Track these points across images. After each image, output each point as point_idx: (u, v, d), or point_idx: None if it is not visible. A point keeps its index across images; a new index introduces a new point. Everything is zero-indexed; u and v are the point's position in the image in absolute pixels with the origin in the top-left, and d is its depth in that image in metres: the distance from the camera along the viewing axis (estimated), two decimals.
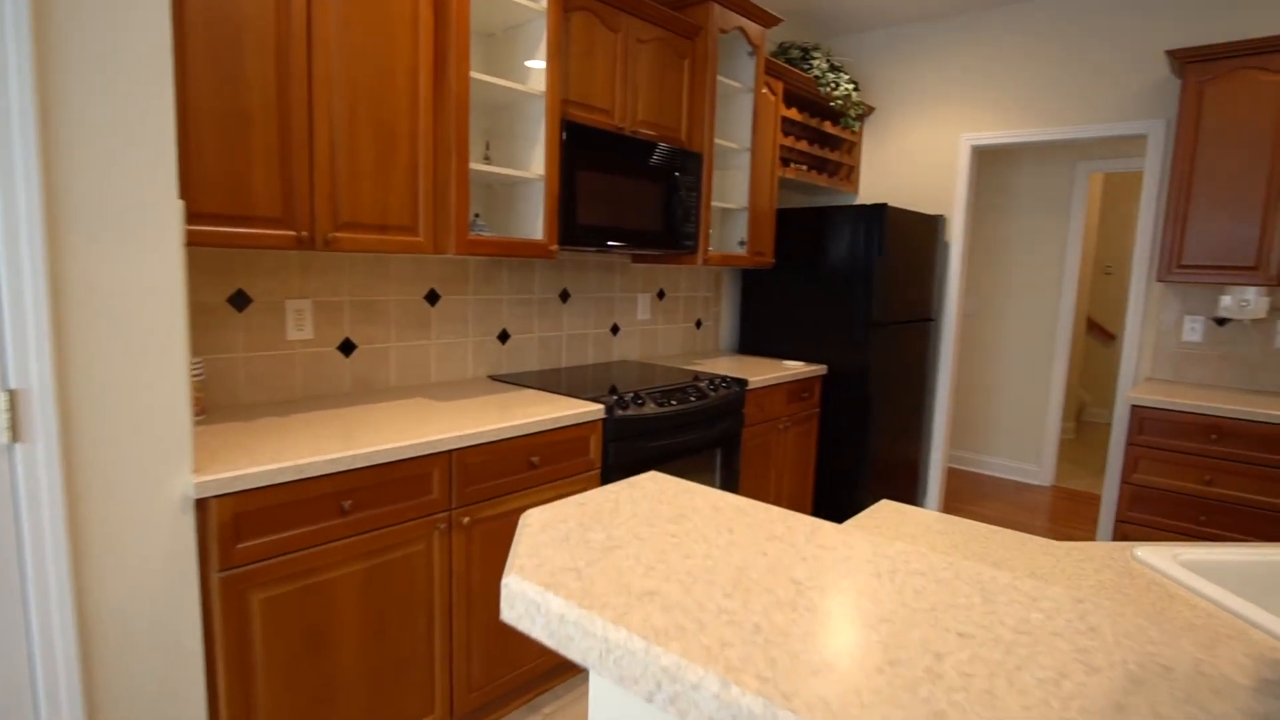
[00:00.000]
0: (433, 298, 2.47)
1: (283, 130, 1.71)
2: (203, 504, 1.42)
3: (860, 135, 4.12)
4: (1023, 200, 4.77)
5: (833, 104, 3.60)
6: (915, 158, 3.95)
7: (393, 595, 1.75)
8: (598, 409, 2.23)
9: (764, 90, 3.26)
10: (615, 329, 3.23)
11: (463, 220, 2.06)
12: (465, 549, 1.91)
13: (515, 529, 2.03)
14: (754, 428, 3.01)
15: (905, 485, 3.84)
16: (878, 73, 4.04)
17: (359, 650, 1.70)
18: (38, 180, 1.14)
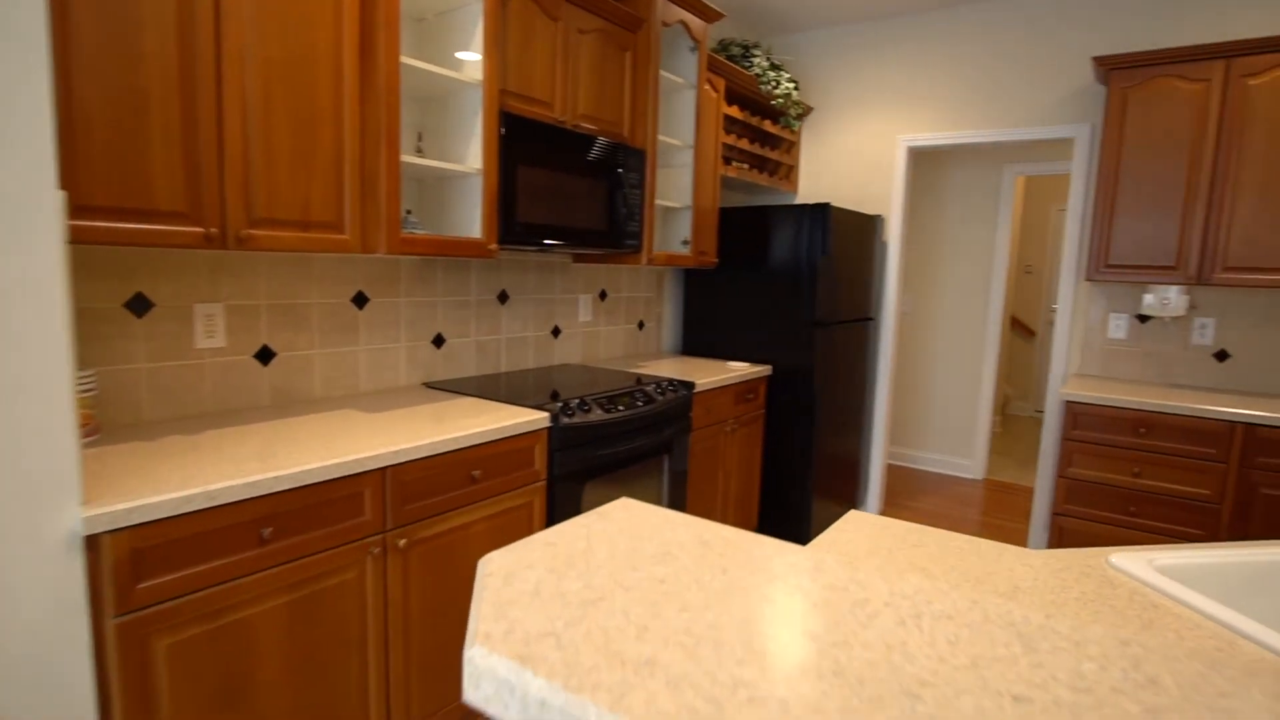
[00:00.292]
0: (361, 300, 2.29)
1: (187, 113, 1.52)
2: (94, 540, 1.23)
3: (799, 135, 4.12)
4: (953, 201, 4.90)
5: (774, 103, 3.57)
6: (853, 158, 3.98)
7: (321, 630, 1.59)
8: (542, 417, 2.11)
9: (706, 87, 3.20)
10: (556, 331, 3.11)
11: (394, 217, 1.90)
12: (402, 574, 1.76)
13: (457, 548, 1.90)
14: (701, 431, 2.94)
15: (847, 483, 3.86)
16: (817, 73, 4.05)
17: (283, 694, 1.53)
18: None
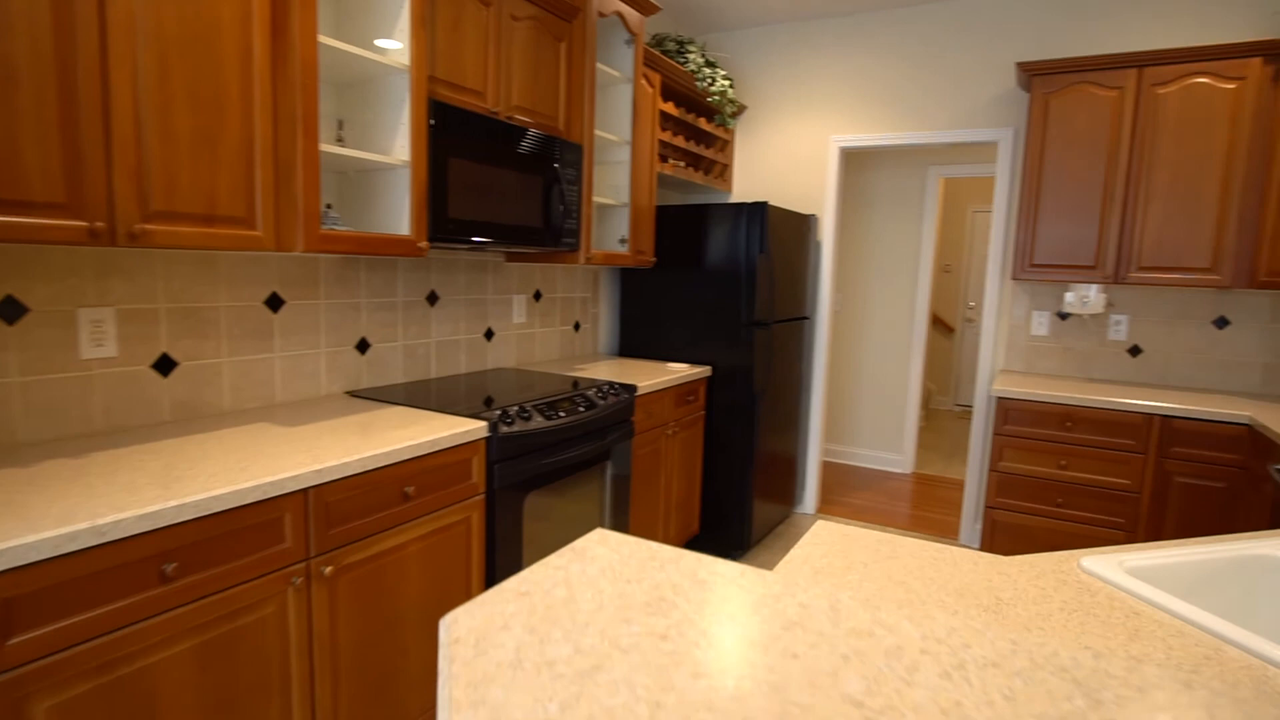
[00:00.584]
0: (275, 303, 2.09)
1: (65, 90, 1.32)
2: None
3: (733, 134, 4.10)
4: (879, 201, 5.00)
5: (710, 100, 3.53)
6: (787, 157, 3.99)
7: (237, 674, 1.42)
8: (480, 426, 1.98)
9: (642, 82, 3.12)
10: (490, 334, 2.96)
11: (313, 211, 1.73)
12: (328, 604, 1.59)
13: (390, 572, 1.75)
14: (643, 435, 2.86)
15: (784, 482, 3.87)
16: (750, 71, 4.03)
17: None
18: None
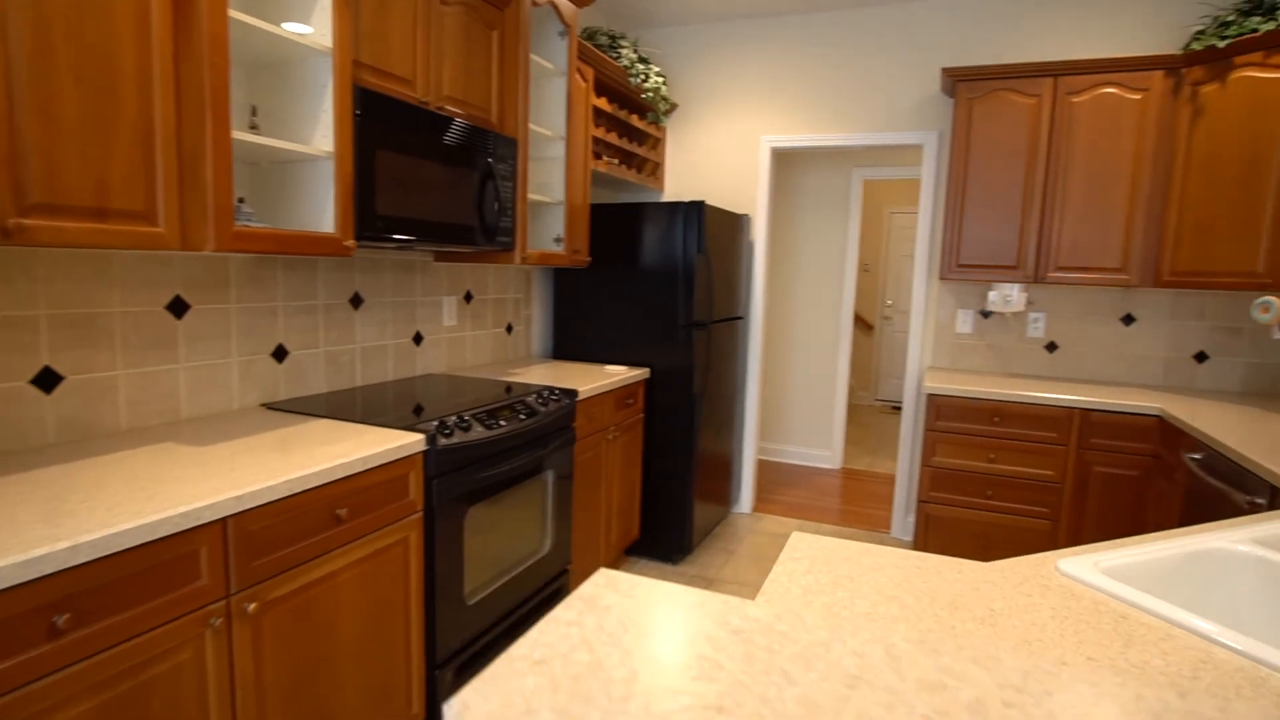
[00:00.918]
0: (179, 308, 1.88)
1: None
2: None
3: (664, 132, 4.05)
4: (806, 202, 5.08)
5: (644, 96, 3.47)
6: (718, 156, 3.97)
7: None
8: (417, 439, 1.84)
9: (576, 76, 3.02)
10: (418, 338, 2.79)
11: (225, 205, 1.55)
12: (252, 645, 1.43)
13: (322, 604, 1.59)
14: (585, 440, 2.77)
15: (722, 482, 3.86)
16: (682, 69, 4.00)
17: None
18: None
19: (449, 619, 2.02)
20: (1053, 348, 3.40)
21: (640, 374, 3.21)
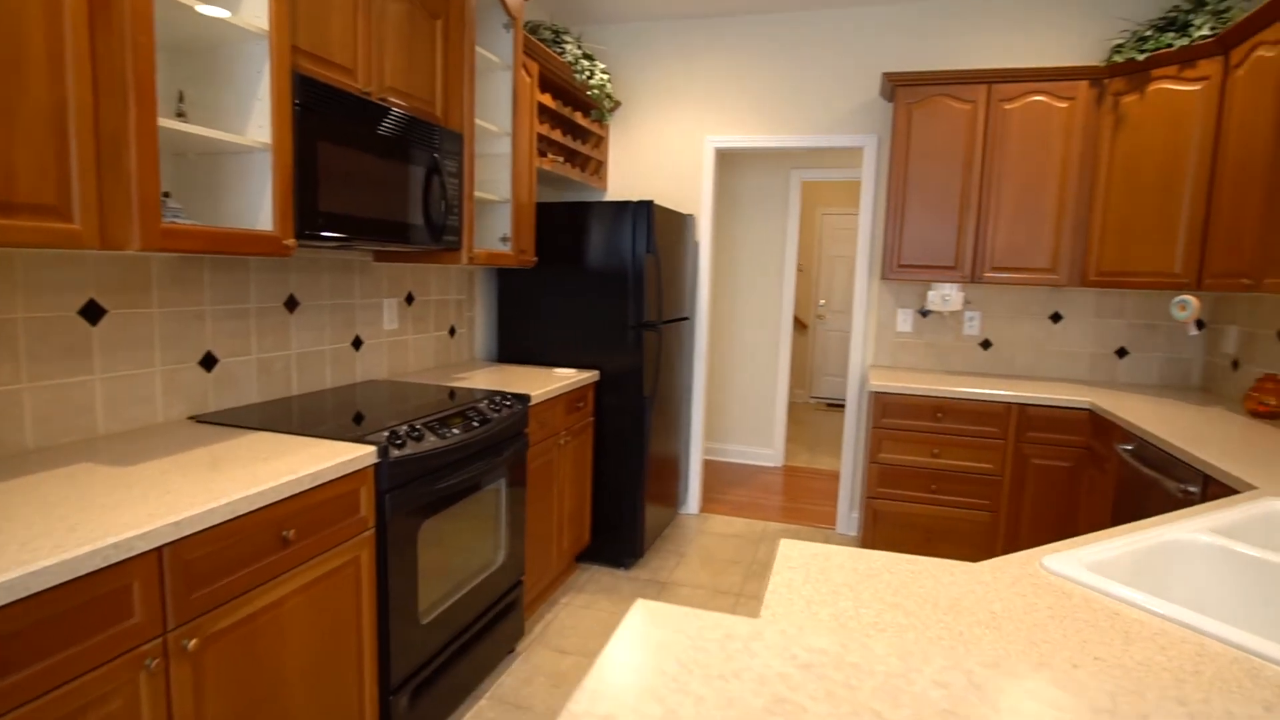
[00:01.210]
0: (94, 313, 1.70)
1: None
2: None
3: (607, 130, 4.00)
4: (746, 202, 5.12)
5: (589, 93, 3.40)
6: (662, 156, 3.95)
7: None
8: (367, 452, 1.72)
9: (521, 70, 2.92)
10: (358, 343, 2.64)
11: (151, 200, 1.40)
12: (193, 685, 1.29)
13: (268, 634, 1.46)
14: (538, 446, 2.69)
15: (670, 483, 3.83)
16: (625, 67, 3.95)
17: None
18: None
19: (403, 641, 1.91)
20: (987, 345, 3.53)
21: (590, 376, 3.15)
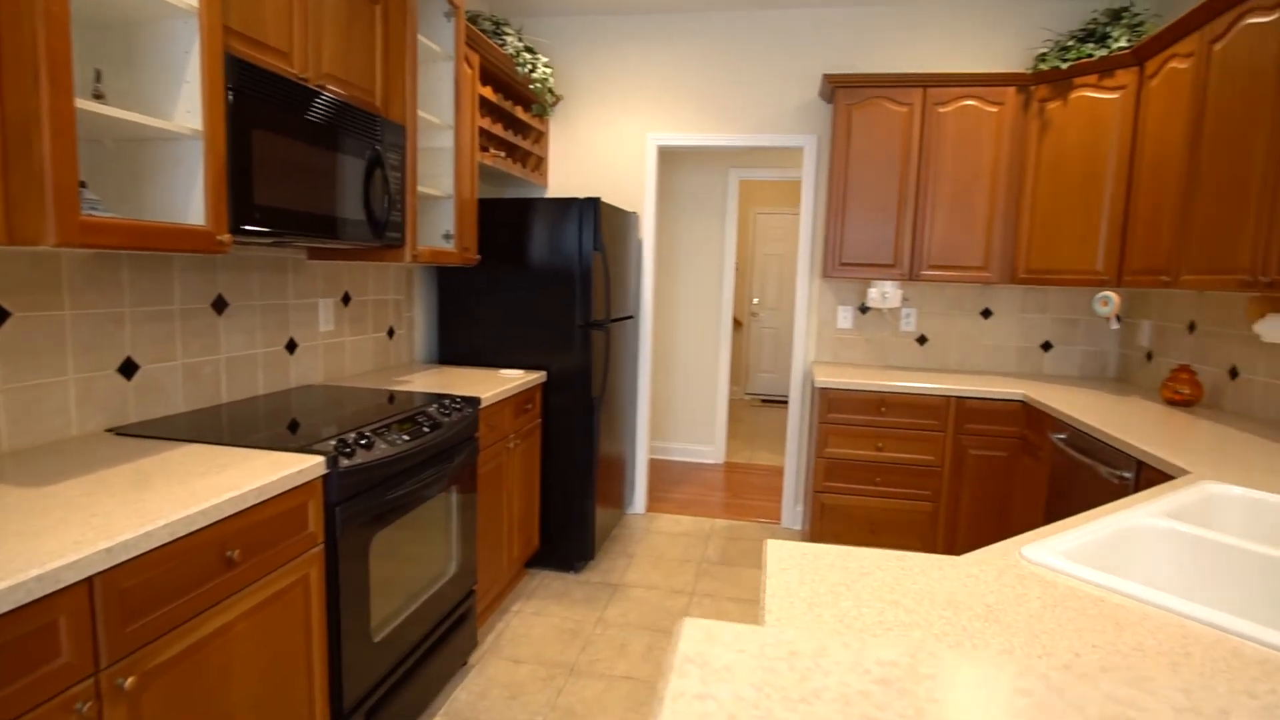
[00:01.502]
0: None
1: None
2: None
3: (548, 125, 3.92)
4: (684, 201, 5.13)
5: (532, 87, 3.32)
6: (604, 153, 3.90)
7: None
8: (315, 462, 1.61)
9: (463, 61, 2.82)
10: (292, 345, 2.49)
11: (68, 190, 1.26)
12: None
13: (212, 665, 1.34)
14: (488, 450, 2.60)
15: (617, 484, 3.80)
16: (566, 61, 3.88)
17: None
18: None
19: (356, 661, 1.80)
20: (923, 340, 3.65)
21: (537, 378, 3.07)
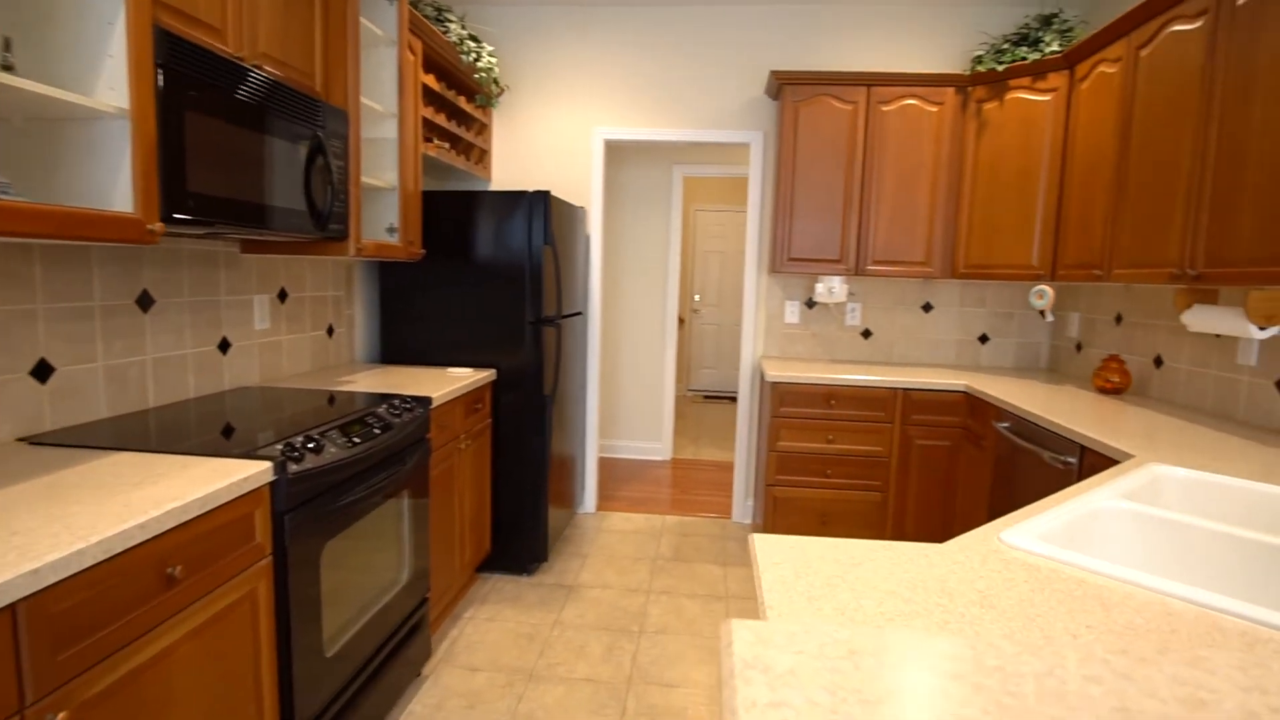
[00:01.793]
0: None
1: None
2: None
3: (490, 117, 3.81)
4: (629, 197, 5.10)
5: (476, 76, 3.21)
6: (550, 146, 3.83)
7: None
8: (262, 468, 1.50)
9: (406, 48, 2.70)
10: (225, 345, 2.33)
11: None
12: None
13: (152, 694, 1.23)
14: (439, 452, 2.50)
15: (567, 482, 3.73)
16: (513, 51, 3.78)
17: None
18: None
19: (308, 679, 1.69)
20: (868, 334, 3.74)
21: (487, 376, 2.98)
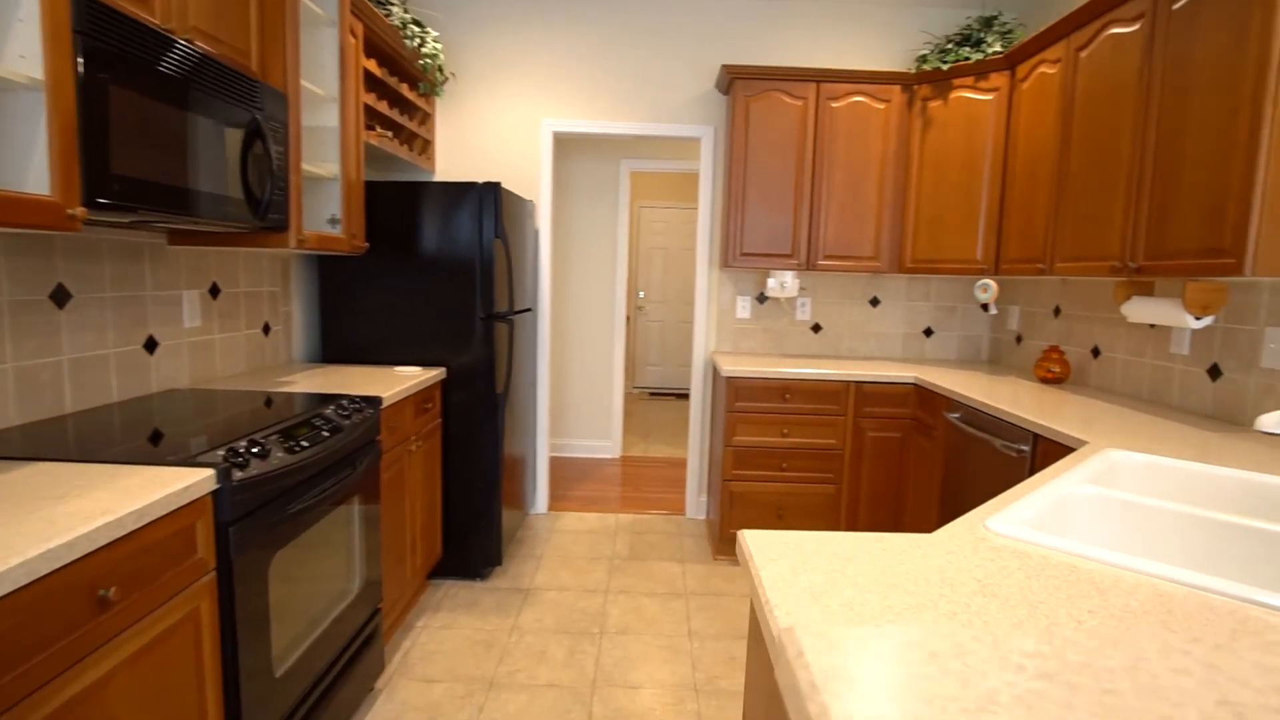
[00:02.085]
0: None
1: None
2: None
3: (434, 105, 3.68)
4: (576, 191, 5.02)
5: (421, 63, 3.08)
6: (496, 137, 3.72)
7: None
8: (204, 476, 1.38)
9: (347, 30, 2.56)
10: (152, 344, 2.15)
11: None
12: None
13: None
14: (390, 454, 2.38)
15: (519, 483, 3.64)
16: (457, 38, 3.65)
17: None
18: None
19: (256, 702, 1.57)
20: (817, 329, 3.78)
21: (436, 374, 2.87)
